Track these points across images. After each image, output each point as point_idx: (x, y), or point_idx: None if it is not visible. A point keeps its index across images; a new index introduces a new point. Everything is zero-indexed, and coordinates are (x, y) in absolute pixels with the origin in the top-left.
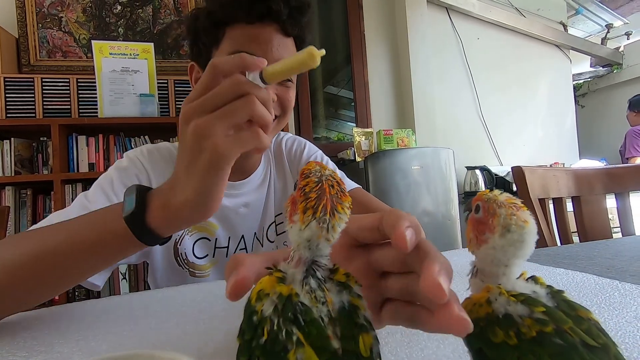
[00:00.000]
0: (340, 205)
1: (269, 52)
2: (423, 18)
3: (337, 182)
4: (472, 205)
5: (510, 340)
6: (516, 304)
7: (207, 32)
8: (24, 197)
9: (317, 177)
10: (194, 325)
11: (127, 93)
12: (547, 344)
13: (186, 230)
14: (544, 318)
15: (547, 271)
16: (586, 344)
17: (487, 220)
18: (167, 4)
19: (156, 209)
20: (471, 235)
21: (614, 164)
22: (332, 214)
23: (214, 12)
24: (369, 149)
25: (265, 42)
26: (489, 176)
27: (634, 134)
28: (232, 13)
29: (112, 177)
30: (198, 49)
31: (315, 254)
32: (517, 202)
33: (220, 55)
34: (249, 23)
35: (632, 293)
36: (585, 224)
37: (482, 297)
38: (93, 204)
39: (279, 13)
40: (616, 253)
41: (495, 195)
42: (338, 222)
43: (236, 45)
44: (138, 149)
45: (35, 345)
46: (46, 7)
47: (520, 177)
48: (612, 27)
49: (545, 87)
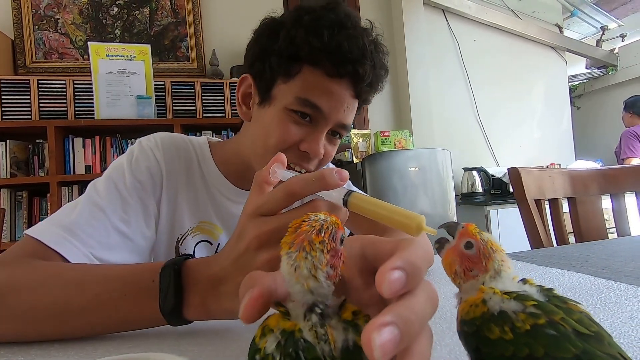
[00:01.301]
0: (308, 243)
1: (336, 111)
2: (420, 20)
3: (322, 226)
4: (454, 232)
5: (505, 335)
6: (509, 301)
7: (282, 61)
8: (20, 200)
9: (306, 219)
10: (189, 327)
11: (123, 95)
12: (541, 335)
13: (189, 230)
14: (537, 311)
15: (543, 272)
16: (579, 332)
17: (479, 260)
18: (164, 5)
19: (195, 307)
20: (457, 268)
21: (609, 165)
22: (298, 251)
23: (297, 46)
24: (367, 151)
25: (336, 101)
26: (486, 177)
27: (629, 135)
28: (317, 58)
29: (124, 169)
30: (262, 68)
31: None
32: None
33: (285, 91)
34: (328, 75)
35: (627, 293)
36: (581, 225)
37: (477, 298)
38: (104, 200)
39: (362, 78)
40: (612, 253)
41: (489, 237)
42: (304, 262)
43: (307, 92)
44: (152, 138)
45: (31, 350)
46: (42, 8)
47: (516, 178)
48: (607, 29)
49: (541, 88)
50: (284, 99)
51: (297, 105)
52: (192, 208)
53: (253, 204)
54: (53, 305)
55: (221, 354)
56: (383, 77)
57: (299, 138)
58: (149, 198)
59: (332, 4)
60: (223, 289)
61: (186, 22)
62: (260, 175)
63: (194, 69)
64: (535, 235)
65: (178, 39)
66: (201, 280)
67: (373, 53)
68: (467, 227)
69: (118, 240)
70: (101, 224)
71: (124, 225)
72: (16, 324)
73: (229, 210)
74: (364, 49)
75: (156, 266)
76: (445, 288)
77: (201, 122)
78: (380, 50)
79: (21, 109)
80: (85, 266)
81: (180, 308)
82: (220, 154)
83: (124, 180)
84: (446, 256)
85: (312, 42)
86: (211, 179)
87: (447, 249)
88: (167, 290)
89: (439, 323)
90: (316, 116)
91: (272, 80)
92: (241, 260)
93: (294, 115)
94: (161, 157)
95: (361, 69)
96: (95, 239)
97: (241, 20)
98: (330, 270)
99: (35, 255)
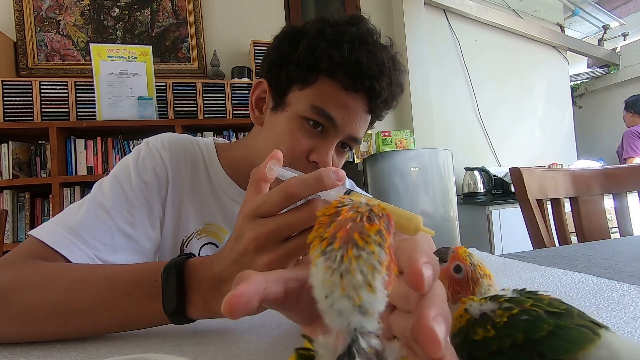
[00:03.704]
0: (358, 234)
1: (348, 124)
2: (420, 20)
3: (370, 210)
4: (447, 257)
5: (488, 333)
6: (486, 303)
7: (300, 70)
8: (22, 201)
9: (341, 203)
10: (191, 328)
11: (125, 96)
12: (517, 323)
13: (194, 232)
14: (510, 305)
15: (545, 272)
16: (550, 312)
17: (467, 285)
18: (165, 6)
19: (197, 308)
20: (447, 290)
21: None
22: (344, 247)
23: (317, 57)
24: (368, 151)
25: (350, 114)
26: (487, 177)
27: (631, 135)
28: (336, 71)
29: (130, 170)
30: (278, 74)
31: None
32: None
33: (300, 98)
34: (344, 88)
35: (630, 293)
36: (583, 225)
37: (460, 310)
38: (110, 201)
39: (378, 94)
40: (614, 253)
41: (479, 262)
42: (356, 263)
43: (322, 101)
44: (159, 138)
45: (32, 351)
46: (44, 10)
47: (518, 178)
48: (609, 28)
49: (542, 88)
50: (298, 105)
51: (311, 113)
52: (197, 210)
53: (250, 204)
54: (55, 305)
55: (221, 355)
56: (398, 95)
57: (309, 147)
58: (154, 199)
59: (355, 18)
60: (224, 289)
61: (187, 23)
62: (256, 172)
63: (195, 69)
64: (537, 235)
65: (179, 40)
66: (203, 280)
67: (391, 70)
68: (457, 250)
69: (123, 242)
70: (106, 225)
71: (129, 227)
72: (18, 324)
73: (235, 212)
74: (382, 66)
75: (159, 265)
76: None
77: (202, 122)
78: (398, 68)
79: (23, 111)
80: (87, 266)
81: (183, 307)
82: (228, 156)
83: (130, 181)
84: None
85: (333, 54)
86: (217, 180)
87: (440, 269)
88: (169, 290)
89: None
90: (328, 127)
91: (288, 86)
92: (241, 262)
93: (306, 124)
94: (167, 158)
95: (378, 85)
96: (99, 241)
97: (242, 21)
98: (386, 276)
99: (39, 257)
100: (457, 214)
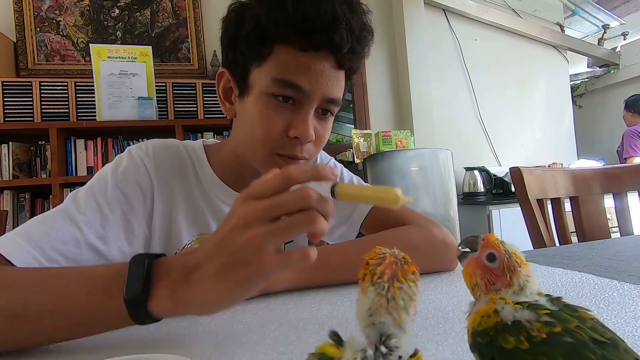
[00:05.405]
0: (400, 273)
1: (318, 86)
2: (420, 19)
3: (404, 257)
4: (477, 246)
5: (522, 344)
6: (522, 310)
7: (251, 45)
8: (22, 201)
9: (383, 252)
10: (192, 329)
11: (125, 96)
12: (558, 343)
13: (187, 244)
14: (551, 320)
15: (546, 271)
16: (595, 340)
17: (502, 274)
18: (165, 7)
19: (162, 298)
20: (479, 281)
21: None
22: (390, 281)
23: (263, 26)
24: (368, 151)
25: (316, 75)
26: (488, 177)
27: (631, 134)
28: (286, 34)
29: (108, 182)
30: (234, 57)
31: (382, 331)
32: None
33: (260, 75)
34: (301, 49)
35: (630, 293)
36: (583, 224)
37: (489, 309)
38: (81, 215)
39: (340, 46)
40: (615, 253)
41: (514, 249)
42: (399, 292)
43: (283, 71)
44: (143, 146)
45: (33, 350)
46: (44, 11)
47: (518, 177)
48: (609, 27)
49: (542, 87)
50: (261, 83)
51: (275, 87)
52: (190, 220)
53: (246, 189)
54: (7, 308)
55: (222, 355)
56: (366, 39)
57: (285, 124)
58: (134, 213)
59: None
60: (197, 276)
61: (187, 23)
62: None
63: (195, 70)
64: (538, 234)
65: (179, 40)
66: (175, 268)
67: (347, 15)
68: (488, 238)
69: (90, 257)
70: (73, 239)
71: (100, 242)
72: None
73: None
74: (334, 13)
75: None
76: (449, 287)
77: (202, 123)
78: (356, 11)
79: (23, 111)
80: (50, 268)
81: (146, 297)
82: (217, 156)
83: (106, 193)
84: (467, 266)
85: (277, 17)
86: (208, 184)
87: (470, 258)
88: (134, 277)
89: (442, 324)
90: (298, 97)
91: (246, 67)
92: (225, 240)
93: (275, 100)
94: (152, 168)
95: (336, 36)
96: (61, 254)
97: None
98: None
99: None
100: (458, 214)
